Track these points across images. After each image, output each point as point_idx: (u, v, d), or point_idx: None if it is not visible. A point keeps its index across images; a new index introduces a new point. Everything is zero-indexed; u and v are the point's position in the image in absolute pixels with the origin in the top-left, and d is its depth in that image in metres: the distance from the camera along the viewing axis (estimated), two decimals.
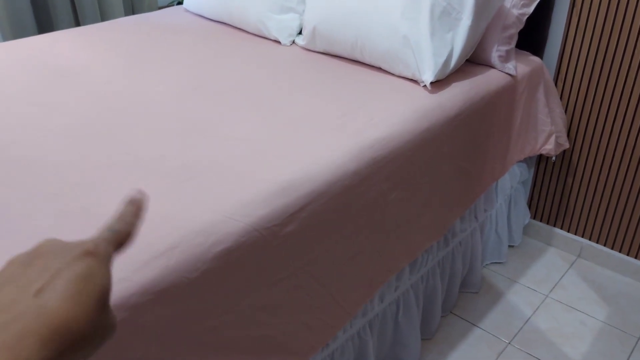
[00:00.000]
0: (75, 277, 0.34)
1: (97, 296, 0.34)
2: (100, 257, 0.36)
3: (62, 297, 0.33)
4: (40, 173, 1.03)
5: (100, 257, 0.36)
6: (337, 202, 1.08)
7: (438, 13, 1.44)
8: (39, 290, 0.33)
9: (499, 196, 1.85)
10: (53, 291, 0.33)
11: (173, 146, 1.14)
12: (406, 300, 1.48)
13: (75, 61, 1.59)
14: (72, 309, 0.33)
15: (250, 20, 1.82)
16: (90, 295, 0.34)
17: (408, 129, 1.26)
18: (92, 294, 0.34)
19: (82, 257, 0.36)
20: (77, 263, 0.35)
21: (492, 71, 1.60)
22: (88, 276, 0.34)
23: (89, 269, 0.35)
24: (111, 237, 0.40)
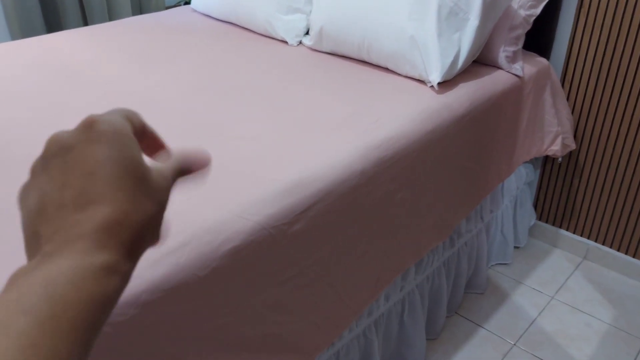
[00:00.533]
0: (94, 165, 0.31)
1: (135, 170, 0.32)
2: (104, 123, 0.34)
3: (102, 200, 0.31)
4: None
5: (104, 123, 0.34)
6: (344, 201, 1.09)
7: (445, 14, 1.45)
8: (77, 204, 0.31)
9: (505, 197, 1.85)
10: (89, 201, 0.31)
11: (181, 144, 1.14)
12: (411, 300, 1.49)
13: (83, 60, 1.60)
14: (118, 206, 0.31)
15: (258, 21, 1.83)
16: (123, 179, 0.32)
17: (415, 129, 1.27)
18: (134, 172, 0.32)
19: (84, 131, 0.33)
20: (87, 147, 0.32)
21: (499, 72, 1.60)
22: (104, 158, 0.32)
23: (107, 152, 0.32)
24: (123, 112, 0.37)
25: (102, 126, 0.33)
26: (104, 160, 0.32)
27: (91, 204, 0.30)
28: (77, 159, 0.32)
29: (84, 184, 0.31)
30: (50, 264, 0.29)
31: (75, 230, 0.30)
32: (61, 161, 0.32)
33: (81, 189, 0.31)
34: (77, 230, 0.30)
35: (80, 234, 0.30)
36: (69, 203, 0.31)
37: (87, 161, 0.31)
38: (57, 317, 0.27)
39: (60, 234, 0.30)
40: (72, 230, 0.30)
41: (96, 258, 0.29)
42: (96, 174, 0.31)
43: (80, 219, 0.30)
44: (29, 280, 0.28)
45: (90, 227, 0.30)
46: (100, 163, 0.31)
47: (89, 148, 0.32)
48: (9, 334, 0.26)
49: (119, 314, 0.74)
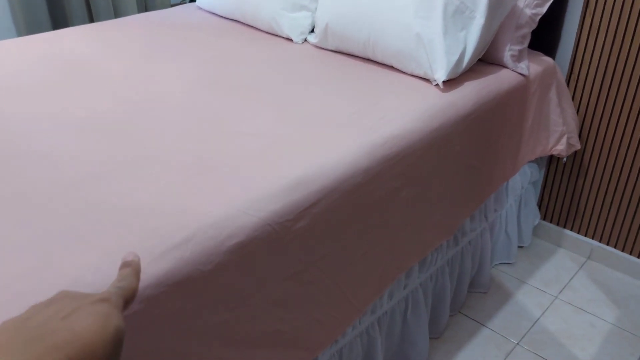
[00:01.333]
0: (97, 312, 0.38)
1: (114, 331, 0.38)
2: (113, 303, 0.41)
3: (88, 324, 0.37)
4: (56, 166, 1.04)
5: (113, 303, 0.41)
6: (349, 198, 1.08)
7: (451, 11, 1.44)
8: (66, 317, 0.36)
9: (509, 196, 1.85)
10: (79, 318, 0.37)
11: (186, 141, 1.15)
12: (415, 298, 1.49)
13: (89, 57, 1.60)
14: (96, 335, 0.36)
15: (263, 18, 1.83)
16: (110, 329, 0.38)
17: (420, 127, 1.26)
18: (111, 329, 0.38)
19: (99, 301, 0.40)
20: (95, 304, 0.39)
21: (505, 71, 1.60)
22: (108, 314, 0.39)
23: (107, 310, 0.39)
24: (119, 292, 0.45)
25: (110, 298, 0.42)
26: (102, 311, 0.40)
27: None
28: (84, 305, 0.40)
29: (74, 315, 0.38)
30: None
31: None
32: (69, 301, 0.40)
33: (71, 317, 0.37)
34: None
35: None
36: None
37: (89, 308, 0.39)
38: None
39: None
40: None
41: None
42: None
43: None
44: None
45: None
46: (98, 312, 0.39)
47: (97, 304, 0.40)
48: None
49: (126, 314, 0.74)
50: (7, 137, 1.15)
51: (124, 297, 0.45)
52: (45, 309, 0.38)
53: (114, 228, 0.87)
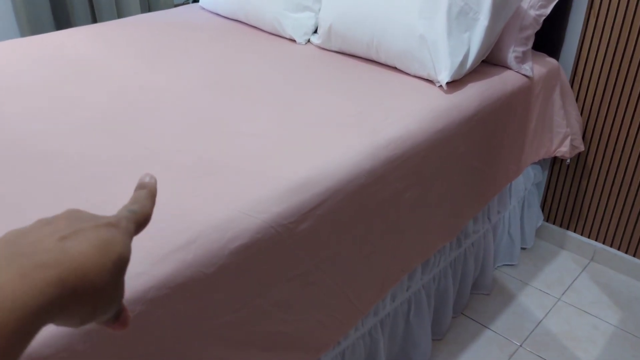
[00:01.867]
0: (98, 237, 0.35)
1: (115, 258, 0.35)
2: (122, 229, 0.38)
3: (85, 247, 0.34)
4: (60, 166, 1.04)
5: (122, 229, 0.38)
6: (352, 200, 1.08)
7: (455, 13, 1.44)
8: (63, 238, 0.34)
9: (513, 198, 1.85)
10: (77, 241, 0.34)
11: (190, 142, 1.15)
12: (418, 300, 1.48)
13: (92, 57, 1.60)
14: (93, 260, 0.34)
15: (266, 19, 1.83)
16: (111, 256, 0.35)
17: (423, 129, 1.26)
18: (112, 256, 0.35)
19: (105, 225, 0.37)
20: (100, 228, 0.36)
21: (508, 72, 1.60)
22: (110, 241, 0.36)
23: (112, 236, 0.36)
24: (131, 216, 0.41)
25: (119, 222, 0.39)
26: (105, 237, 0.36)
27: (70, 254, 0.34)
28: (86, 228, 0.36)
29: (73, 238, 0.35)
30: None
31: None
32: (72, 222, 0.37)
33: (69, 239, 0.35)
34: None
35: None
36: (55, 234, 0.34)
37: (92, 233, 0.36)
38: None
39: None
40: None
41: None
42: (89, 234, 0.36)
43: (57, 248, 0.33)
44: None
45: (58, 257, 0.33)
46: (100, 238, 0.36)
47: (102, 228, 0.37)
48: None
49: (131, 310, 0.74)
50: (10, 138, 1.15)
51: (135, 221, 0.41)
52: (47, 226, 0.36)
53: None
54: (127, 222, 0.40)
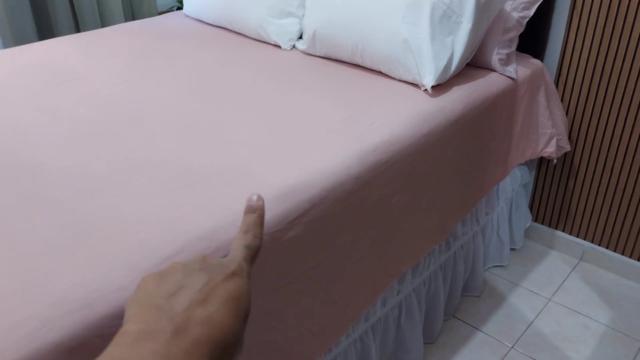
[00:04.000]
0: (230, 297, 0.38)
1: (244, 317, 0.38)
2: (244, 277, 0.40)
3: (224, 312, 0.37)
4: (45, 178, 1.03)
5: (244, 277, 0.40)
6: (340, 206, 1.08)
7: (438, 17, 1.44)
8: (204, 302, 0.37)
9: (501, 199, 1.85)
10: (215, 306, 0.37)
11: (175, 151, 1.14)
12: (408, 304, 1.48)
13: (76, 67, 1.59)
14: (231, 327, 0.37)
15: (251, 25, 1.82)
16: (241, 315, 0.38)
17: (409, 133, 1.26)
18: (242, 314, 0.38)
19: (231, 277, 0.39)
20: (229, 283, 0.39)
21: (493, 74, 1.60)
22: (239, 298, 0.38)
23: (239, 288, 0.39)
24: (248, 255, 0.43)
25: (242, 270, 0.41)
26: (235, 293, 0.39)
27: (209, 321, 0.36)
28: (217, 283, 0.39)
29: (211, 301, 0.37)
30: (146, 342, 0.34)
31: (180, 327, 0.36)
32: (206, 277, 0.39)
33: (208, 303, 0.37)
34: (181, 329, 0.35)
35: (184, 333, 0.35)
36: (194, 305, 0.37)
37: (223, 289, 0.39)
38: None
39: (168, 322, 0.35)
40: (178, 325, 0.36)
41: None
42: (222, 300, 0.38)
43: (193, 318, 0.36)
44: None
45: (198, 332, 0.35)
46: (231, 295, 0.38)
47: (230, 281, 0.39)
48: None
49: (109, 326, 0.73)
50: None
51: (251, 257, 0.43)
52: (187, 280, 0.38)
53: (101, 242, 0.86)
54: (246, 265, 0.42)
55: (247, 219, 0.46)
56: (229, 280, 0.39)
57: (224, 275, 0.39)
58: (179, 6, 2.66)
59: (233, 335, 0.37)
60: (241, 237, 0.45)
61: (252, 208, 0.46)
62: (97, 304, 0.74)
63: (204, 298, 0.37)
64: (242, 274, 0.41)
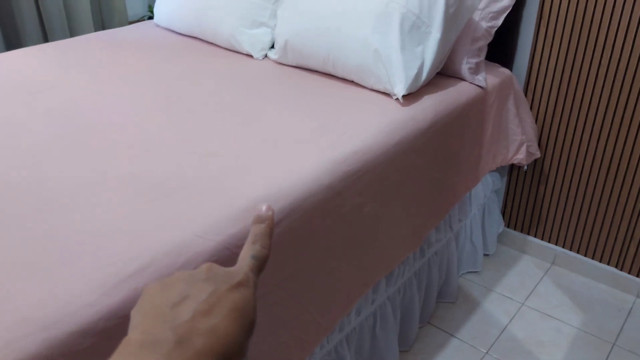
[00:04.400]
0: (235, 307, 0.37)
1: (249, 328, 0.38)
2: (250, 287, 0.40)
3: (228, 323, 0.36)
4: (5, 192, 1.00)
5: (250, 287, 0.40)
6: (312, 216, 1.07)
7: (408, 27, 1.46)
8: (208, 313, 0.36)
9: (473, 205, 1.87)
10: (219, 317, 0.36)
11: (142, 164, 1.12)
12: (383, 312, 1.48)
13: (42, 78, 1.56)
14: (236, 334, 0.36)
15: (222, 35, 1.81)
16: (246, 324, 0.38)
17: (381, 142, 1.27)
18: (246, 325, 0.37)
19: (237, 287, 0.39)
20: (234, 292, 0.38)
21: (463, 83, 1.62)
22: (244, 309, 0.38)
23: (244, 299, 0.38)
24: (255, 265, 0.43)
25: (249, 280, 0.41)
26: (240, 304, 0.38)
27: (214, 331, 0.36)
28: (222, 294, 0.38)
29: (216, 311, 0.37)
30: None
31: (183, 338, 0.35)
32: (212, 287, 0.39)
33: (212, 314, 0.37)
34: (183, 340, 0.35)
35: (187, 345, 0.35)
36: (197, 316, 0.36)
37: (228, 300, 0.38)
38: None
39: (172, 332, 0.35)
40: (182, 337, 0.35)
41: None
42: (228, 312, 0.37)
43: (197, 329, 0.36)
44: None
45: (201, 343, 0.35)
46: (236, 306, 0.38)
47: (235, 292, 0.39)
48: None
49: (74, 344, 0.72)
50: None
51: (258, 268, 0.43)
52: (193, 290, 0.38)
53: (65, 258, 0.84)
54: (253, 275, 0.42)
55: (255, 229, 0.45)
56: (235, 291, 0.38)
57: (229, 285, 0.39)
58: (150, 16, 2.64)
59: (237, 346, 0.36)
60: (249, 247, 0.44)
61: (261, 218, 0.46)
62: (63, 322, 0.72)
63: (208, 309, 0.37)
64: (249, 284, 0.40)
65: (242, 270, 0.41)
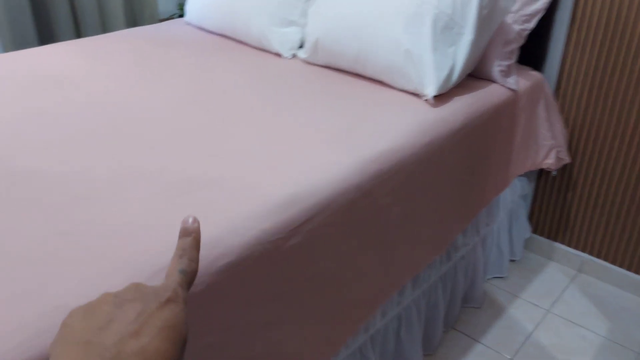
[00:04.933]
0: (165, 325, 0.38)
1: (181, 344, 0.38)
2: (180, 303, 0.40)
3: (158, 342, 0.36)
4: (41, 185, 1.02)
5: (180, 303, 0.40)
6: (341, 215, 1.07)
7: (440, 27, 1.45)
8: (137, 333, 0.36)
9: (501, 210, 1.85)
10: (149, 336, 0.36)
11: (174, 158, 1.13)
12: (408, 315, 1.47)
13: (76, 73, 1.58)
14: (167, 353, 0.36)
15: (253, 34, 1.82)
16: (178, 340, 0.38)
17: (411, 143, 1.26)
18: (178, 342, 0.38)
19: (166, 304, 0.39)
20: (164, 310, 0.38)
21: (494, 85, 1.60)
22: (175, 325, 0.38)
23: (175, 315, 0.39)
24: (183, 280, 0.43)
25: (178, 296, 0.41)
26: (171, 321, 0.38)
27: (144, 350, 0.36)
28: (152, 312, 0.38)
29: (145, 332, 0.37)
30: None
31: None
32: (139, 307, 0.39)
33: (141, 334, 0.37)
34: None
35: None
36: (126, 337, 0.36)
37: (158, 318, 0.38)
38: None
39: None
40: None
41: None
42: (156, 330, 0.37)
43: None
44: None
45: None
46: (166, 323, 0.38)
47: (165, 309, 0.39)
48: None
49: None
50: None
51: (187, 282, 0.43)
52: (119, 312, 0.38)
53: (99, 249, 0.85)
54: (182, 290, 0.42)
55: (182, 242, 0.45)
56: (164, 308, 0.38)
57: (158, 303, 0.38)
58: (180, 14, 2.67)
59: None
60: (176, 261, 0.44)
61: (188, 231, 0.46)
62: None
63: (137, 329, 0.36)
64: (178, 300, 0.40)
65: (170, 286, 0.41)
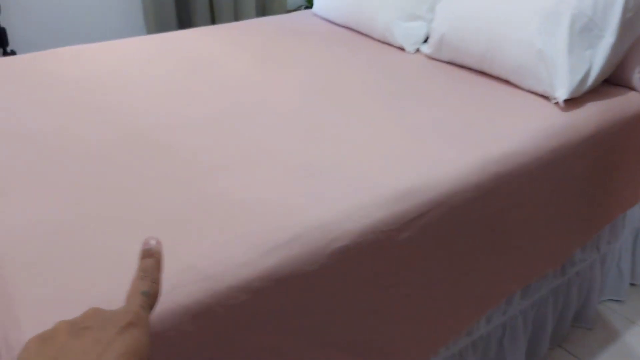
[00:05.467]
0: (127, 349, 0.37)
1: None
2: (142, 326, 0.39)
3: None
4: (177, 157, 1.11)
5: (142, 326, 0.39)
6: (456, 213, 1.06)
7: (578, 28, 1.37)
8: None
9: (626, 228, 1.72)
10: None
11: (296, 143, 1.17)
12: (513, 325, 1.42)
13: (210, 56, 1.69)
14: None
15: (378, 27, 1.83)
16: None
17: (536, 147, 1.21)
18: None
19: (127, 328, 0.38)
20: (125, 335, 0.38)
21: (632, 93, 1.49)
22: (137, 348, 0.37)
23: (136, 339, 0.38)
24: (146, 302, 0.42)
25: (140, 319, 0.40)
26: (132, 346, 0.38)
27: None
28: (111, 338, 0.37)
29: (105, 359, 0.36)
30: None
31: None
32: (98, 334, 0.38)
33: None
34: None
35: None
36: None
37: (119, 344, 0.37)
38: None
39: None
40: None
41: None
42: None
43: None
44: None
45: None
46: (128, 349, 0.37)
47: (126, 333, 0.38)
48: None
49: (231, 297, 0.77)
50: (131, 128, 1.24)
51: (150, 304, 0.42)
52: (76, 342, 0.37)
53: (225, 220, 0.91)
54: (144, 312, 0.41)
55: (143, 263, 0.44)
56: (125, 332, 0.37)
57: (119, 328, 0.37)
58: (307, 5, 2.74)
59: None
60: (138, 283, 0.43)
61: (150, 252, 0.45)
62: (221, 276, 0.78)
63: (95, 358, 0.35)
64: (140, 323, 0.39)
65: (131, 309, 0.40)
